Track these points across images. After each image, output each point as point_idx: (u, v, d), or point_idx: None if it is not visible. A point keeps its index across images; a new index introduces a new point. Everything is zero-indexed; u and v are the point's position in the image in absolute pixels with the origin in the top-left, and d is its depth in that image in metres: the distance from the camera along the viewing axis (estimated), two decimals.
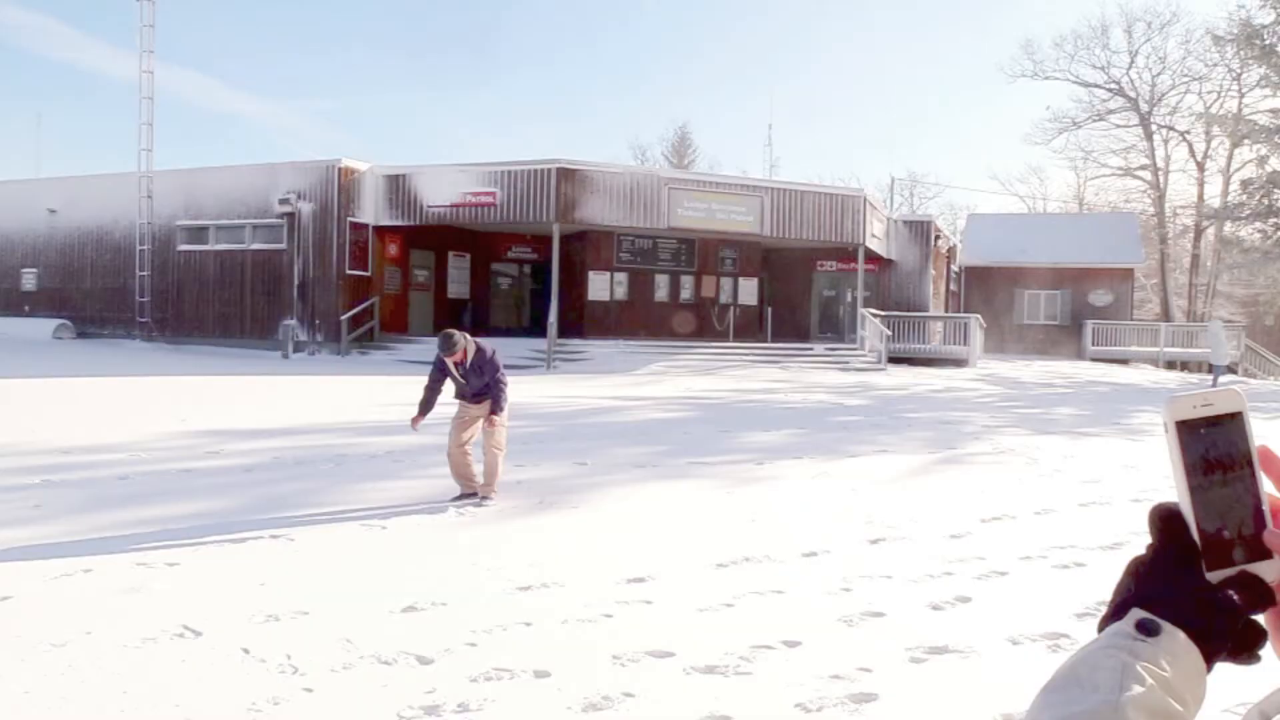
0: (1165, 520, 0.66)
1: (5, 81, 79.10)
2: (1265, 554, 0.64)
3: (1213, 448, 0.65)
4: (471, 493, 7.44)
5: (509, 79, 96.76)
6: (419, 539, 6.29)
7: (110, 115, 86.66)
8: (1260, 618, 0.65)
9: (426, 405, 7.71)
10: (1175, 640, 0.62)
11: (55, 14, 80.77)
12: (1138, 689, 0.59)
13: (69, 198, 28.83)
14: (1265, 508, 0.65)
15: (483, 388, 7.51)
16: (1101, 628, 0.65)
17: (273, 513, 6.85)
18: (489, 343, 7.77)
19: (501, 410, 7.54)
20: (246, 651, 4.13)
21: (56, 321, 27.97)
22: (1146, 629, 0.62)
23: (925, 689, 3.89)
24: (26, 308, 29.32)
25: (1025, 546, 6.27)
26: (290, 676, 3.88)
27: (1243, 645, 0.64)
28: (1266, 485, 0.66)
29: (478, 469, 7.53)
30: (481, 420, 7.54)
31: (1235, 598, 0.64)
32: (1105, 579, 5.42)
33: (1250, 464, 0.65)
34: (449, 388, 7.70)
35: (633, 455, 9.91)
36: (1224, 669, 0.64)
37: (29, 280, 29.58)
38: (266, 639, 4.29)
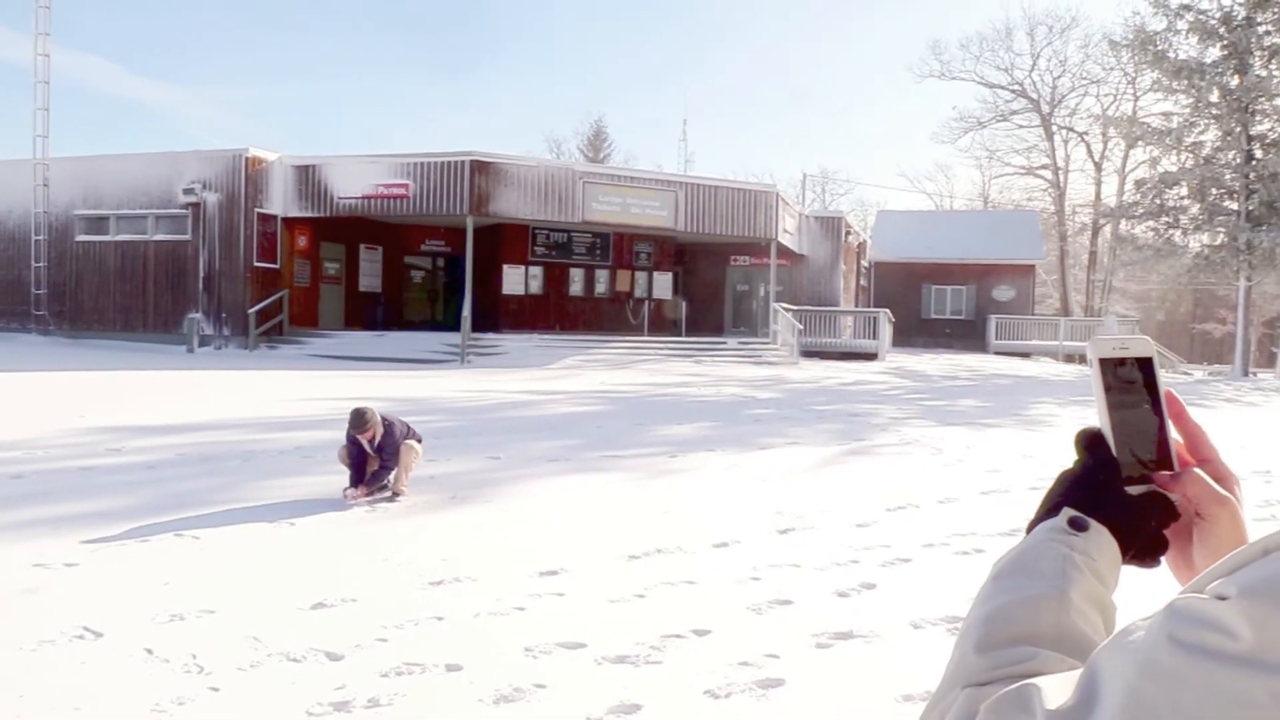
0: (1091, 440, 0.77)
1: None
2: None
3: (1127, 384, 0.76)
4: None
5: (425, 71, 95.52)
6: (329, 535, 6.22)
7: (3, 100, 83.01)
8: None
9: (358, 472, 7.27)
10: (1101, 536, 0.71)
11: None
12: (1076, 575, 0.68)
13: None
14: (1168, 440, 0.76)
15: (387, 468, 7.31)
16: (1030, 528, 0.75)
17: (177, 511, 6.69)
18: (396, 417, 7.53)
19: (398, 480, 7.35)
20: (150, 652, 4.04)
21: None
22: (1078, 525, 0.72)
23: (831, 673, 4.00)
24: None
25: (928, 534, 6.45)
26: (196, 676, 3.81)
27: (1149, 550, 0.75)
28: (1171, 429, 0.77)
29: None
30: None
31: (1147, 507, 0.74)
32: None
33: (1157, 401, 0.76)
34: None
35: (546, 449, 9.91)
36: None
37: None
38: (171, 639, 4.20)
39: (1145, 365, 0.76)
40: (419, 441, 7.58)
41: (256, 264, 23.95)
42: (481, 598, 4.87)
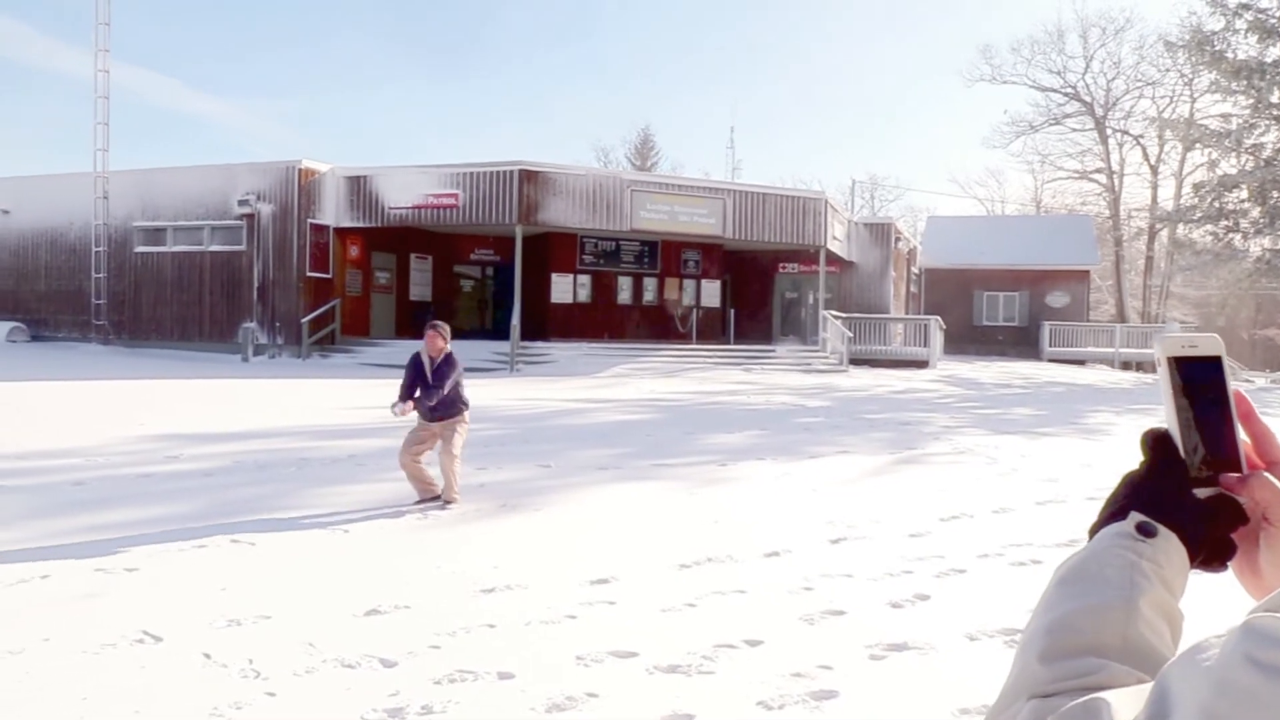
0: (1158, 440, 0.74)
1: None
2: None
3: (1195, 383, 0.74)
4: (434, 496, 7.42)
5: (472, 81, 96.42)
6: (381, 542, 6.27)
7: (66, 114, 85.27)
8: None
9: (408, 390, 7.60)
10: (1169, 542, 0.69)
11: (9, 11, 79.30)
12: (1144, 583, 0.66)
13: (22, 198, 28.33)
14: (1237, 441, 0.74)
15: (444, 401, 7.45)
16: (1092, 533, 0.73)
17: (233, 517, 6.79)
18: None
19: (467, 408, 7.63)
20: (208, 656, 4.11)
21: (10, 324, 27.47)
22: (1146, 530, 0.69)
23: (885, 685, 3.95)
24: None
25: (983, 544, 6.36)
26: (252, 681, 3.86)
27: (1216, 554, 0.72)
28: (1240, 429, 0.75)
29: (433, 472, 7.51)
30: (438, 437, 7.49)
31: (1216, 511, 0.72)
32: None
33: (1226, 401, 0.74)
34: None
35: (596, 457, 9.93)
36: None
37: None
38: (228, 644, 4.26)
39: (1214, 365, 0.74)
40: (467, 408, 7.71)
41: (309, 274, 24.30)
42: (533, 606, 4.88)
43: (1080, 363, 33.45)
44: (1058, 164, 52.90)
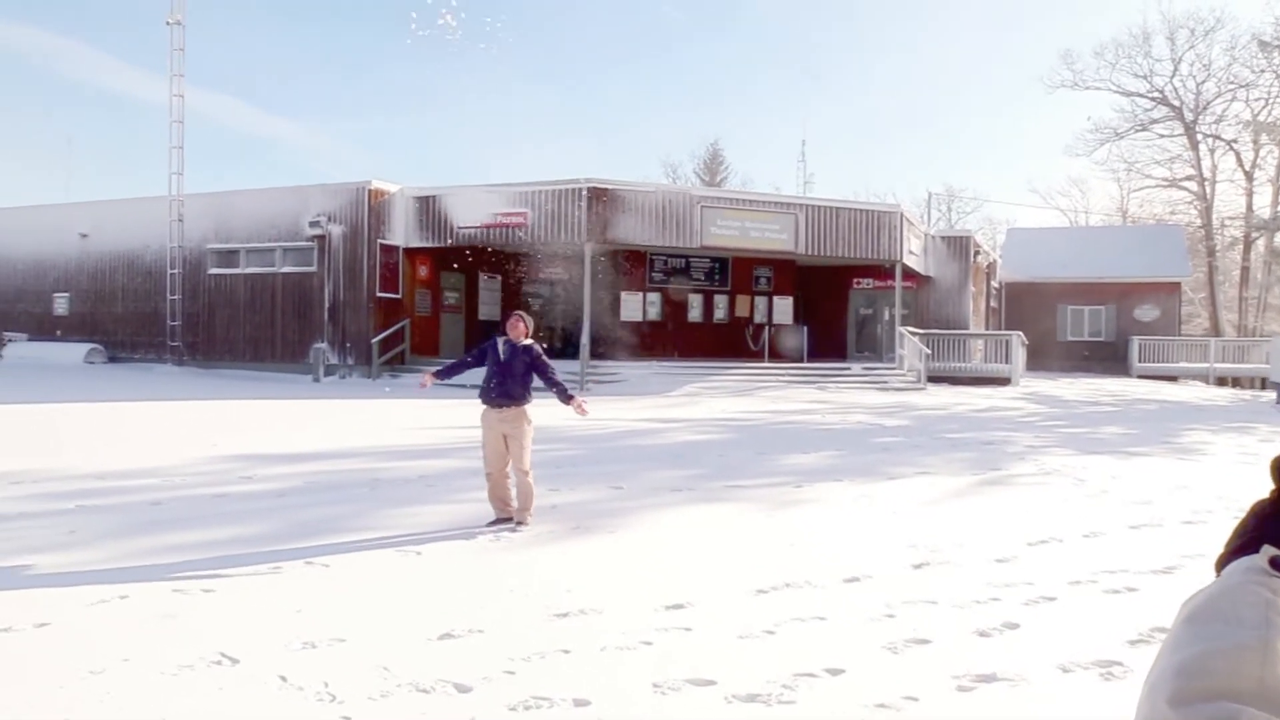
0: None
1: (38, 106, 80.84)
2: None
3: None
4: (506, 518, 7.48)
5: (538, 97, 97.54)
6: (454, 565, 6.32)
7: (142, 139, 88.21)
8: None
9: (445, 370, 8.11)
10: None
11: (88, 39, 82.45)
12: None
13: (100, 222, 29.35)
14: None
15: (513, 387, 7.56)
16: (1220, 567, 0.70)
17: (307, 538, 6.91)
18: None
19: (572, 396, 7.91)
20: (284, 679, 4.17)
21: (88, 346, 28.45)
22: None
23: (974, 718, 3.86)
24: (58, 332, 29.85)
25: (1074, 570, 6.20)
26: (328, 705, 3.91)
27: None
28: None
29: (514, 492, 7.58)
30: (509, 437, 7.56)
31: None
32: (1159, 604, 5.35)
33: None
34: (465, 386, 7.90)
35: (669, 478, 9.91)
36: None
37: (61, 305, 30.12)
38: (304, 666, 4.33)
39: None
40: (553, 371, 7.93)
41: (379, 294, 24.74)
42: (608, 631, 4.87)
43: (1172, 379, 32.58)
44: (1145, 172, 51.63)
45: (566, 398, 7.82)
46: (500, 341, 7.72)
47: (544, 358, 7.79)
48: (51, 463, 10.21)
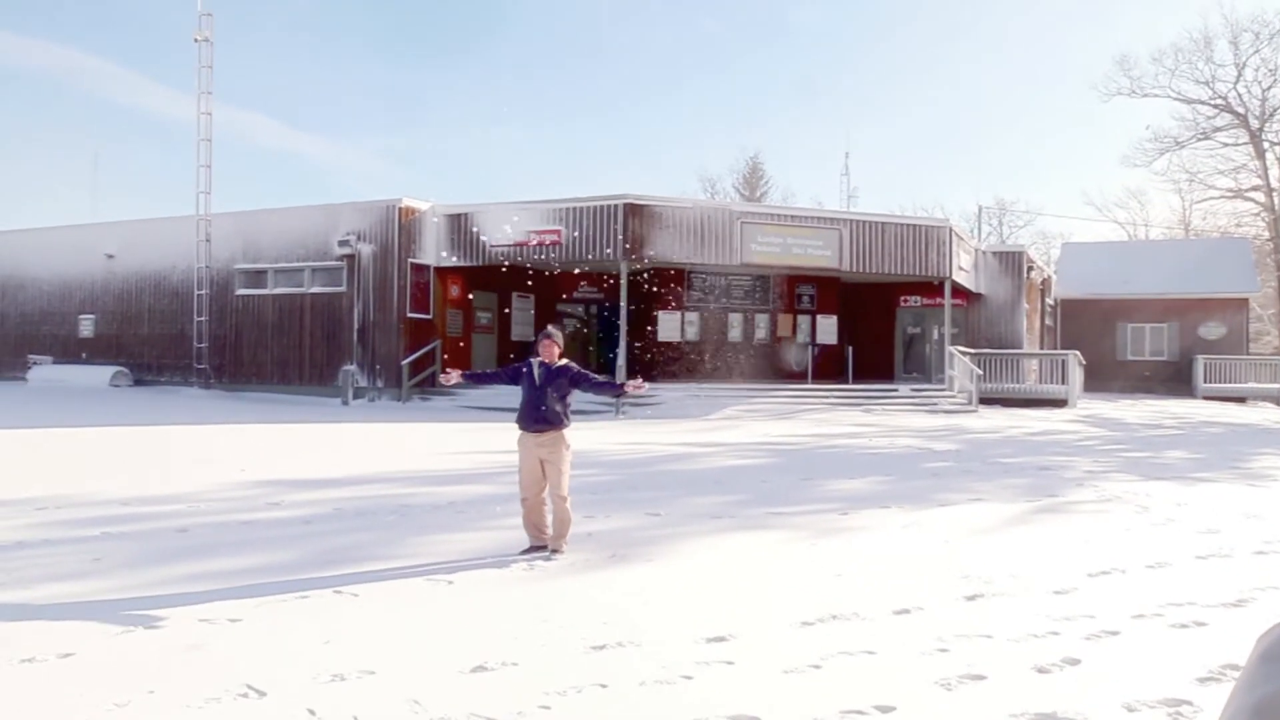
0: None
1: (64, 125, 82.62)
2: None
3: None
4: (541, 545, 7.48)
5: (576, 116, 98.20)
6: (487, 594, 6.33)
7: (170, 157, 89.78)
8: None
9: (475, 375, 8.20)
10: None
11: (115, 57, 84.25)
12: None
13: (127, 242, 29.88)
14: None
15: (549, 411, 7.56)
16: None
17: (335, 566, 6.96)
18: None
19: (624, 385, 8.02)
20: (312, 713, 4.19)
21: (113, 368, 28.91)
22: None
23: None
24: (84, 354, 30.38)
25: (1138, 603, 6.10)
26: None
27: None
28: None
29: (550, 519, 7.58)
30: (546, 462, 7.57)
31: None
32: (1230, 640, 5.25)
33: None
34: (501, 398, 7.91)
35: (708, 505, 9.88)
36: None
37: (86, 326, 30.65)
38: (332, 699, 4.34)
39: None
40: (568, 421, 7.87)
41: (409, 314, 24.95)
42: (646, 664, 4.85)
43: (1240, 400, 32.07)
44: (1208, 182, 51.04)
45: (618, 388, 7.98)
46: (535, 364, 7.72)
47: (582, 370, 7.81)
48: (76, 488, 10.37)
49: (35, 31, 79.52)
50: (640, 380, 8.08)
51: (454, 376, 7.94)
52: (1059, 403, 26.44)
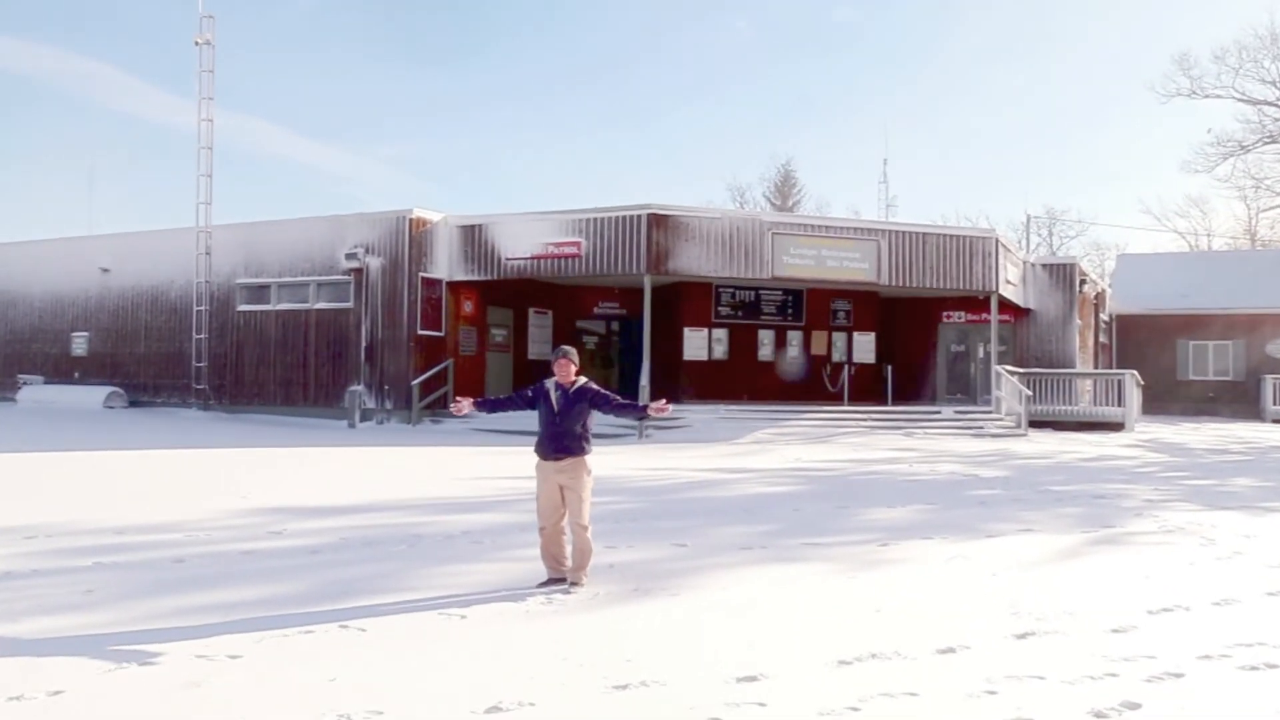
0: None
1: (57, 131, 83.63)
2: None
3: None
4: (559, 578, 7.47)
5: (598, 121, 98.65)
6: (502, 630, 6.32)
7: (169, 166, 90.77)
8: None
9: (488, 403, 7.98)
10: None
11: (112, 60, 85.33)
12: None
13: (123, 255, 30.18)
14: None
15: (569, 434, 7.55)
16: None
17: (342, 599, 6.96)
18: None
19: (647, 408, 7.88)
20: None
21: (108, 389, 29.14)
22: None
23: None
24: (76, 374, 30.65)
25: (1203, 643, 6.03)
26: None
27: None
28: None
29: (569, 550, 7.57)
30: (566, 489, 7.56)
31: None
32: None
33: None
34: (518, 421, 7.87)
35: (738, 535, 9.85)
36: None
37: (79, 344, 30.93)
38: None
39: None
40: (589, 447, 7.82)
41: (420, 332, 25.05)
42: (672, 705, 4.83)
43: None
44: (1275, 188, 50.66)
45: (641, 410, 7.90)
46: (550, 386, 7.69)
47: (602, 391, 7.77)
48: (67, 516, 10.44)
49: (17, 30, 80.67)
50: (664, 402, 7.98)
51: (465, 406, 7.75)
52: (1115, 426, 26.27)
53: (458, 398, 7.83)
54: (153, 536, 9.37)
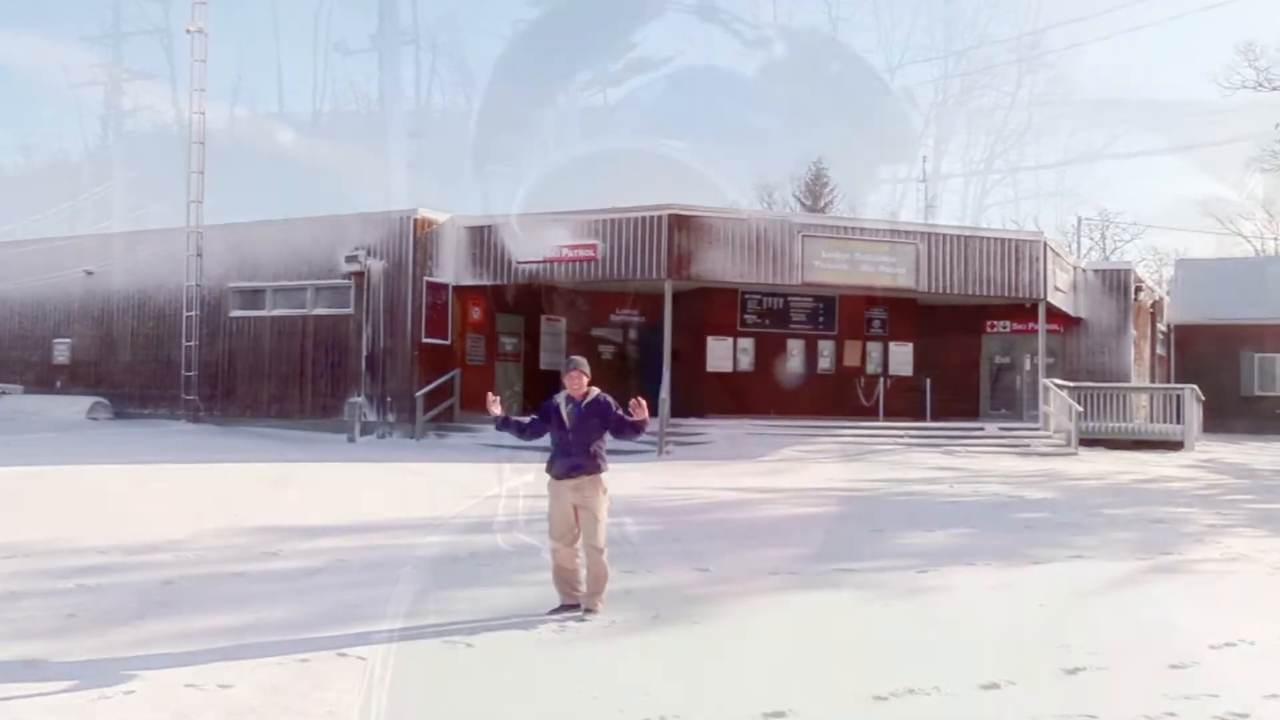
0: None
1: (43, 124, 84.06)
2: None
3: None
4: (573, 604, 7.46)
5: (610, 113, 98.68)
6: (512, 660, 6.33)
7: (158, 163, 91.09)
8: None
9: (512, 424, 8.05)
10: None
11: (95, 50, 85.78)
12: None
13: (108, 258, 30.12)
14: None
15: (584, 456, 7.53)
16: None
17: (339, 625, 6.98)
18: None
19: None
20: None
21: (92, 399, 29.15)
22: None
23: None
24: (58, 383, 30.70)
25: (1271, 681, 5.99)
26: None
27: None
28: None
29: (583, 574, 7.56)
30: (580, 508, 7.55)
31: None
32: None
33: None
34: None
35: (765, 559, 9.83)
36: None
37: (61, 352, 30.95)
38: None
39: None
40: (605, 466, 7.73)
41: (425, 340, 25.07)
42: None
43: None
44: None
45: (636, 427, 7.72)
46: (562, 400, 7.68)
47: (617, 411, 7.72)
48: (49, 534, 10.50)
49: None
50: (639, 399, 7.81)
51: (497, 406, 7.80)
52: (1174, 445, 26.08)
53: (494, 405, 7.79)
54: (139, 557, 9.41)
